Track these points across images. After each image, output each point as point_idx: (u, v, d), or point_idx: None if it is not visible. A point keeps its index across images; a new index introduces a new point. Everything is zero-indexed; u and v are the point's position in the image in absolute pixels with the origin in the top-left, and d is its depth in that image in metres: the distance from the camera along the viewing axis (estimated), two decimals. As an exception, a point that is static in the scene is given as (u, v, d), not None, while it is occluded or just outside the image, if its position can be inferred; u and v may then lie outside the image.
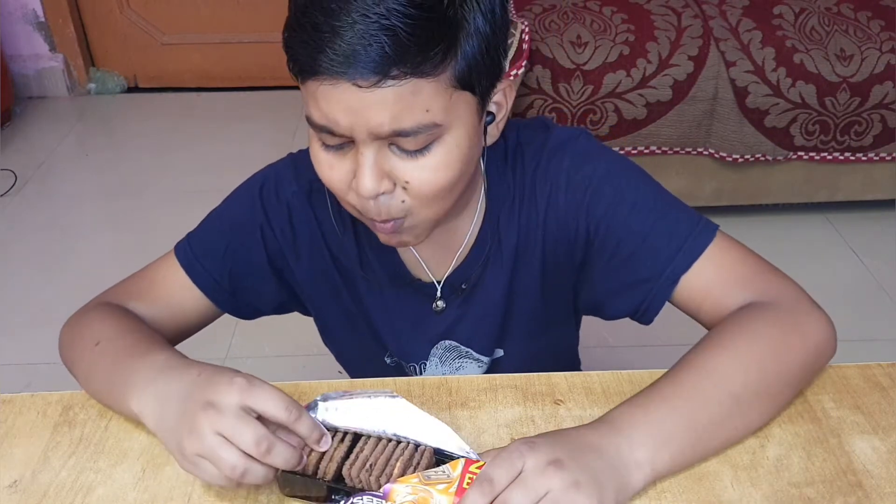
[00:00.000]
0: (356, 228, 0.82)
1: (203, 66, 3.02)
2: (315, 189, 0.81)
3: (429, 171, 0.65)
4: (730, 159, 2.03)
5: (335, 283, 0.85)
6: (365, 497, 0.58)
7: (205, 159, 2.60)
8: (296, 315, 0.94)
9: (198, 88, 3.03)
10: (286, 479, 0.62)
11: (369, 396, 0.64)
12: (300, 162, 0.83)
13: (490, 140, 0.72)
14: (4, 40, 2.82)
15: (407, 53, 0.59)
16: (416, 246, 0.80)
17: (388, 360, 0.92)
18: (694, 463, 0.64)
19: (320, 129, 0.64)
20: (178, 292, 0.81)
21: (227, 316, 0.87)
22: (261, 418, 0.59)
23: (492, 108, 0.70)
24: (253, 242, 0.82)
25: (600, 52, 1.93)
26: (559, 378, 0.75)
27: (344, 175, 0.66)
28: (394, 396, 0.64)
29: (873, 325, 1.88)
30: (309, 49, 0.60)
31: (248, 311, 0.87)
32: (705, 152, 2.04)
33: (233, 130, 2.78)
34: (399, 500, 0.57)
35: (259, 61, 3.01)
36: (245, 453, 0.57)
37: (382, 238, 0.72)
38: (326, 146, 0.66)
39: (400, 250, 0.82)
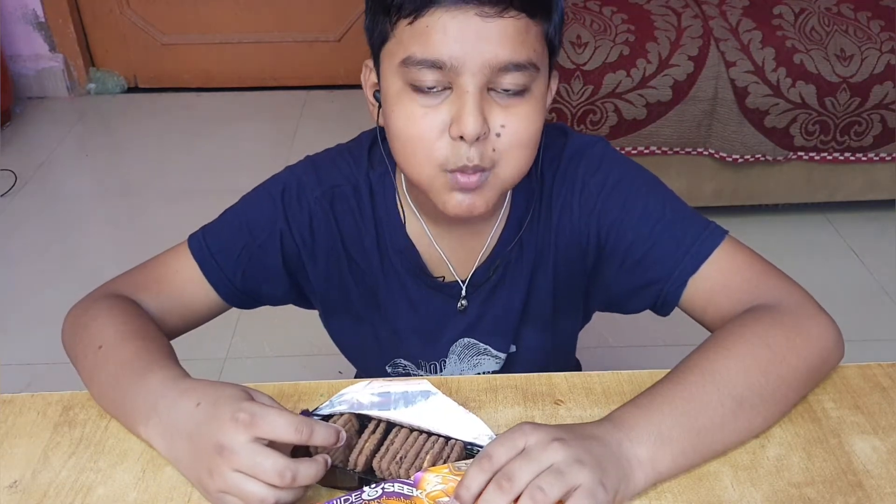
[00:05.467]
0: (378, 232, 0.82)
1: (203, 66, 3.02)
2: (337, 195, 0.82)
3: (522, 119, 0.69)
4: (730, 159, 2.03)
5: (349, 286, 0.86)
6: (396, 483, 0.58)
7: (205, 159, 2.60)
8: (296, 315, 0.94)
9: (198, 88, 3.03)
10: None
11: (406, 386, 0.66)
12: (321, 167, 0.83)
13: None
14: (4, 40, 2.82)
15: None
16: (441, 244, 0.82)
17: (389, 370, 0.92)
18: (696, 465, 0.64)
19: (423, 67, 0.66)
20: (190, 286, 0.81)
21: (226, 316, 0.88)
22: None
23: None
24: (270, 246, 0.82)
25: (600, 52, 1.94)
26: (559, 378, 0.75)
27: (437, 123, 0.68)
28: (429, 388, 0.65)
29: (873, 325, 1.88)
30: None
31: (251, 305, 0.88)
32: (705, 152, 2.04)
33: (233, 130, 2.78)
34: (429, 488, 0.57)
35: (259, 61, 3.01)
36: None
37: (453, 204, 0.71)
38: (420, 93, 0.67)
39: (422, 251, 0.83)
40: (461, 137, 0.67)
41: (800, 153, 2.05)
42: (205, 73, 3.03)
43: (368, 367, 0.96)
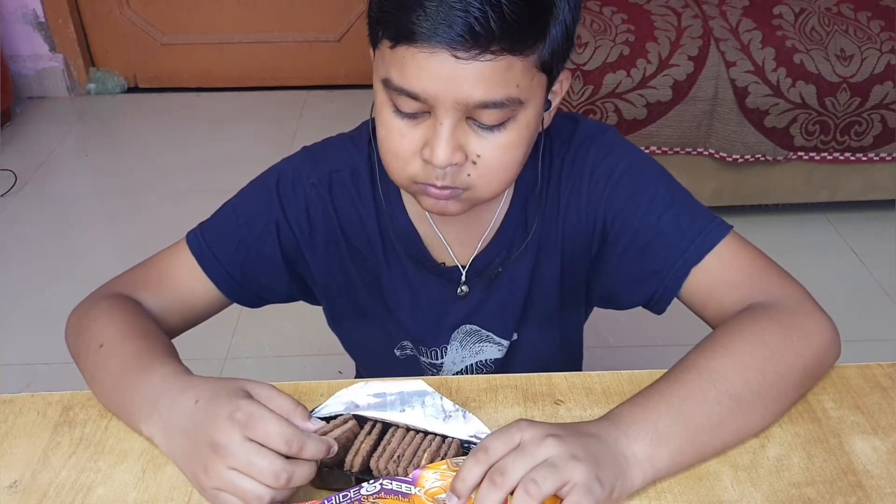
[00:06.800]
0: (379, 217, 0.82)
1: (203, 66, 3.02)
2: (335, 181, 0.81)
3: (500, 148, 0.67)
4: (730, 159, 2.03)
5: (351, 274, 0.86)
6: (394, 481, 0.58)
7: (205, 159, 2.60)
8: (296, 315, 0.94)
9: (198, 88, 3.03)
10: None
11: (401, 386, 0.65)
12: (318, 155, 0.83)
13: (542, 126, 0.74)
14: (4, 40, 2.82)
15: (509, 30, 0.61)
16: (442, 229, 0.82)
17: (398, 353, 0.92)
18: (695, 463, 0.64)
19: (401, 94, 0.65)
20: (189, 283, 0.82)
21: (227, 316, 0.87)
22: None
23: (549, 95, 0.72)
24: (267, 236, 0.82)
25: (600, 52, 1.94)
26: (559, 378, 0.75)
27: (413, 143, 0.67)
28: (425, 388, 0.65)
29: (873, 325, 1.88)
30: (412, 14, 0.61)
31: (255, 302, 0.87)
32: (705, 152, 2.04)
33: (233, 130, 2.78)
34: (427, 485, 0.58)
35: (259, 61, 3.01)
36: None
37: (427, 203, 0.72)
38: (399, 113, 0.67)
39: (424, 235, 0.83)
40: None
41: (800, 153, 2.05)
42: (205, 73, 3.03)
43: (373, 357, 0.95)
